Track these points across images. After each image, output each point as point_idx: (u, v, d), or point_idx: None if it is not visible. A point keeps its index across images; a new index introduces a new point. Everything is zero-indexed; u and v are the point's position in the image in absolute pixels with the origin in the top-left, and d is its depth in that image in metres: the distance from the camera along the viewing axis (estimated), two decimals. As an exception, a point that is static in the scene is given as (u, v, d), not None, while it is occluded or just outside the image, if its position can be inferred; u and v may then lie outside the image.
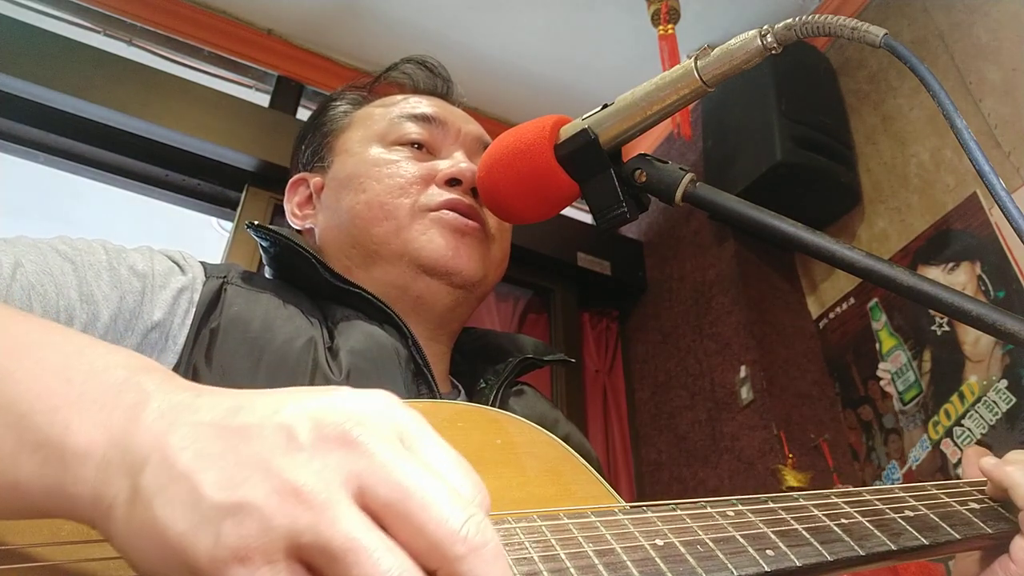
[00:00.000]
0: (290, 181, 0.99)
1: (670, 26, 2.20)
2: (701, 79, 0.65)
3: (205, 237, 3.16)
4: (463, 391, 0.87)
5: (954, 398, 2.00)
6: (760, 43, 0.62)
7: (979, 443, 1.91)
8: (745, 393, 2.32)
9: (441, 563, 0.31)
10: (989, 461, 0.64)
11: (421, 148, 0.91)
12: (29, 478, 0.34)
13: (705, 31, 2.65)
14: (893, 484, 1.97)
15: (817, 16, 0.59)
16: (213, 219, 2.80)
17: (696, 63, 0.65)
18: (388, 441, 0.33)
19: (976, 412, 1.94)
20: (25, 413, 0.35)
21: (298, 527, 0.30)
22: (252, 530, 0.30)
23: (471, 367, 0.91)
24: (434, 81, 1.02)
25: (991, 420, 1.89)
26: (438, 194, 0.86)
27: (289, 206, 0.97)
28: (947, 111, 0.54)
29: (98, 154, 2.29)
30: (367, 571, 0.30)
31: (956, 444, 1.96)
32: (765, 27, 0.62)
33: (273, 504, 0.31)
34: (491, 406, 0.80)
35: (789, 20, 0.61)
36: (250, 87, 2.76)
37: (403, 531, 0.31)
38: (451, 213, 0.85)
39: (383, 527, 0.31)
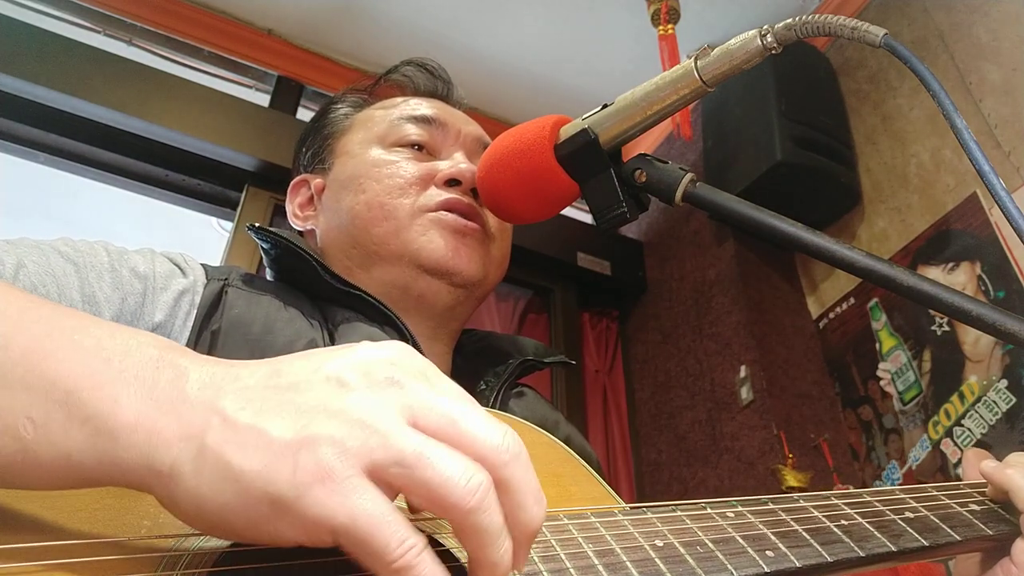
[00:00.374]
0: (292, 183, 0.99)
1: (670, 26, 2.20)
2: (701, 79, 0.65)
3: (205, 237, 3.16)
4: None
5: (954, 398, 2.00)
6: (760, 43, 0.62)
7: (979, 443, 1.91)
8: (745, 393, 2.32)
9: (491, 468, 0.36)
10: (990, 464, 0.64)
11: (421, 149, 0.92)
12: (82, 447, 0.36)
13: (705, 31, 2.65)
14: (893, 484, 1.96)
15: (817, 16, 0.59)
16: (213, 219, 2.80)
17: (696, 63, 0.65)
18: (422, 381, 0.38)
19: (976, 412, 1.94)
20: (71, 390, 0.37)
21: (370, 445, 0.34)
22: (328, 455, 0.34)
23: (472, 369, 0.91)
24: (434, 83, 1.02)
25: (991, 420, 1.89)
26: (437, 194, 0.86)
27: (291, 207, 0.97)
28: (947, 111, 0.54)
29: (98, 154, 2.29)
30: (439, 470, 0.34)
31: (956, 444, 1.96)
32: (765, 27, 0.62)
33: (343, 432, 0.34)
34: (491, 408, 0.80)
35: (789, 20, 0.60)
36: (250, 87, 2.76)
37: (456, 447, 0.36)
38: (450, 214, 0.85)
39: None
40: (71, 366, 0.37)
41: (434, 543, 0.43)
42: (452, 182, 0.87)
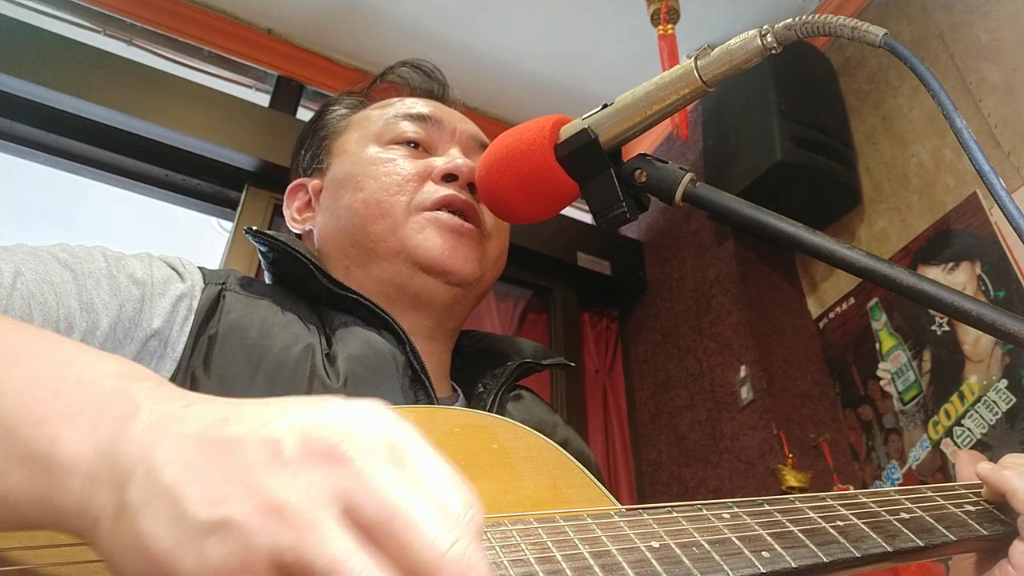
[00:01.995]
0: (288, 187, 0.99)
1: (670, 26, 2.20)
2: (701, 79, 0.65)
3: (205, 237, 3.15)
4: (462, 394, 0.87)
5: (954, 398, 2.00)
6: (760, 43, 0.62)
7: (979, 443, 1.91)
8: (745, 393, 2.32)
9: None
10: (986, 466, 0.64)
11: (417, 147, 0.92)
12: (16, 490, 0.34)
13: (705, 31, 2.65)
14: (893, 484, 1.96)
15: (817, 16, 0.59)
16: (213, 219, 2.79)
17: (696, 63, 0.65)
18: (377, 457, 0.32)
19: (976, 412, 1.94)
20: (12, 426, 0.35)
21: (281, 546, 0.30)
22: (235, 548, 0.30)
23: (470, 371, 0.91)
24: (430, 83, 1.03)
25: (991, 420, 1.89)
26: (434, 190, 0.86)
27: (288, 212, 0.98)
28: (947, 111, 0.54)
29: (98, 154, 2.29)
30: None
31: (956, 444, 1.96)
32: (765, 27, 0.62)
33: (256, 522, 0.30)
34: (489, 410, 0.80)
35: (789, 20, 0.60)
36: (250, 87, 2.76)
37: (390, 551, 0.31)
38: (447, 213, 0.85)
39: (372, 544, 0.31)
40: (15, 398, 0.36)
41: None
42: (449, 177, 0.88)
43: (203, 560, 0.30)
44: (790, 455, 2.12)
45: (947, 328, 2.07)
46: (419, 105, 0.96)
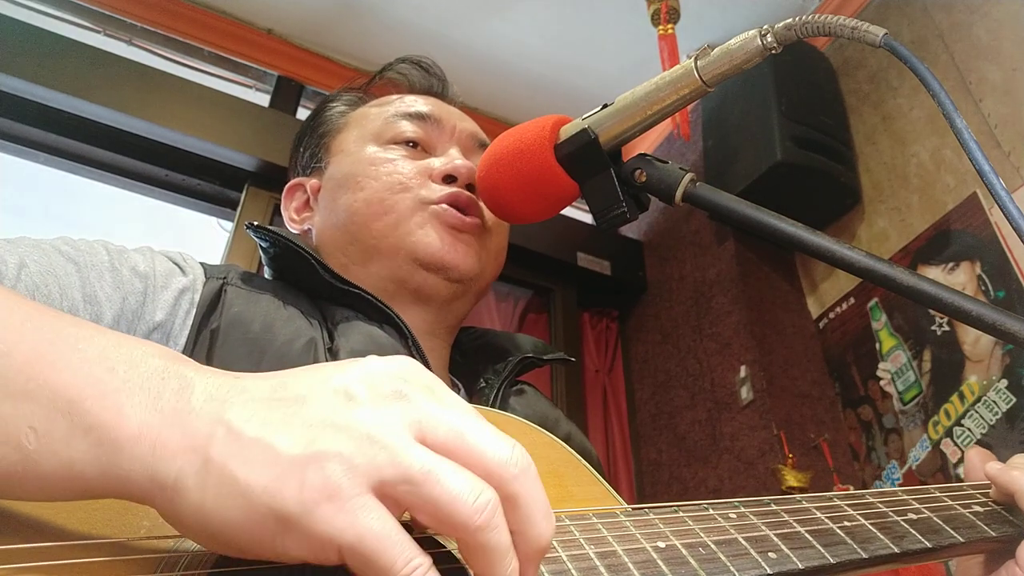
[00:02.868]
0: (286, 187, 0.99)
1: (670, 26, 2.20)
2: (701, 79, 0.65)
3: (205, 237, 3.15)
4: (463, 389, 0.87)
5: (954, 398, 2.00)
6: (760, 43, 0.62)
7: (979, 443, 1.91)
8: (745, 393, 2.32)
9: (499, 483, 0.36)
10: (995, 466, 0.63)
11: (416, 146, 0.92)
12: (84, 459, 0.36)
13: (705, 31, 2.64)
14: (893, 484, 1.95)
15: (817, 16, 0.59)
16: (213, 219, 2.79)
17: (696, 63, 0.65)
18: (428, 395, 0.38)
19: (976, 412, 1.94)
20: (75, 399, 0.36)
21: (378, 462, 0.34)
22: (336, 472, 0.33)
23: (471, 366, 0.91)
24: (429, 80, 1.02)
25: (991, 420, 1.89)
26: (437, 189, 0.86)
27: (287, 212, 0.97)
28: (947, 111, 0.54)
29: (98, 154, 2.29)
30: (447, 488, 0.34)
31: (956, 444, 1.96)
32: (765, 27, 0.62)
33: (351, 448, 0.34)
34: (491, 405, 0.80)
35: (789, 20, 0.60)
36: (250, 87, 2.75)
37: (464, 462, 0.35)
38: (450, 209, 0.85)
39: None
40: (74, 375, 0.37)
41: (437, 544, 0.43)
42: (448, 178, 0.87)
43: (307, 485, 0.33)
44: (790, 455, 2.12)
45: (947, 328, 2.07)
46: (418, 103, 0.95)
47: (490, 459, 0.36)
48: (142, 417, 0.36)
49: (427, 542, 0.39)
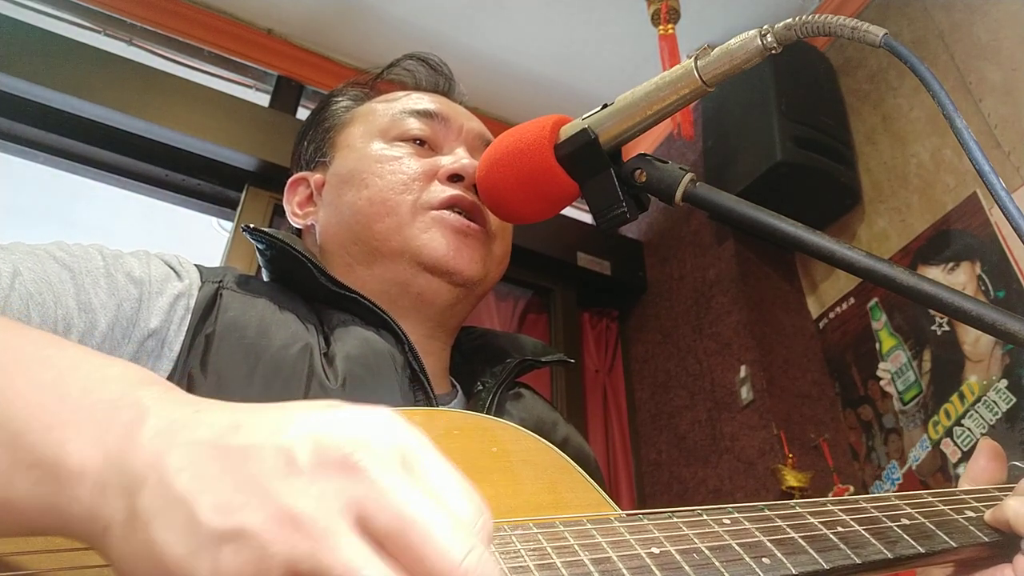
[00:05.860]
0: (289, 181, 0.98)
1: (670, 26, 2.20)
2: (701, 79, 0.65)
3: (205, 237, 3.15)
4: (461, 391, 0.87)
5: (954, 398, 2.00)
6: (760, 43, 0.62)
7: (979, 443, 1.90)
8: (745, 393, 2.32)
9: None
10: (1018, 509, 0.57)
11: (423, 144, 0.91)
12: (24, 496, 0.34)
13: (705, 31, 2.64)
14: (893, 484, 1.95)
15: (817, 16, 0.59)
16: (213, 219, 2.79)
17: (696, 63, 0.65)
18: (390, 466, 0.32)
19: (976, 412, 1.94)
20: (19, 431, 0.35)
21: (297, 554, 0.30)
22: (250, 557, 0.30)
23: (469, 367, 0.91)
24: (436, 78, 1.01)
25: (991, 420, 1.89)
26: (441, 190, 0.85)
27: (289, 207, 0.96)
28: (947, 111, 0.54)
29: (98, 154, 2.29)
30: None
31: (956, 444, 1.96)
32: (765, 27, 0.62)
33: (271, 531, 0.30)
34: (488, 409, 0.80)
35: (789, 20, 0.60)
36: (250, 87, 2.75)
37: (405, 560, 0.31)
38: (453, 214, 0.84)
39: (386, 554, 0.31)
40: (23, 404, 0.35)
41: None
42: (455, 177, 0.87)
43: (218, 569, 0.30)
44: (790, 455, 2.12)
45: (947, 328, 2.07)
46: (425, 101, 0.94)
47: (434, 563, 0.30)
48: (86, 453, 0.34)
49: None
